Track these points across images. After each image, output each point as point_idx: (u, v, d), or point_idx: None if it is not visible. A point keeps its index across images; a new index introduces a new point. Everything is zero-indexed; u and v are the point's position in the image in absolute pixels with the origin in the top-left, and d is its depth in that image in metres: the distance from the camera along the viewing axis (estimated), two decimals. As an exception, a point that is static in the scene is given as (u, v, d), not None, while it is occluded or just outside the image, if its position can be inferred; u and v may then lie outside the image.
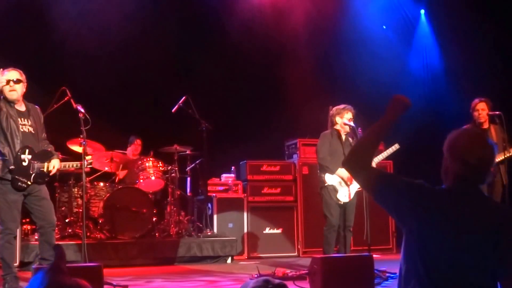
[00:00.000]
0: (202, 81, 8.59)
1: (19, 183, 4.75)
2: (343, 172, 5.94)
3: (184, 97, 7.51)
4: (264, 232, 7.88)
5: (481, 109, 6.31)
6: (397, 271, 5.93)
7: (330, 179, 5.97)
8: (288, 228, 7.95)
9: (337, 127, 6.07)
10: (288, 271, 5.69)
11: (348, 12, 9.32)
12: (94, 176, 7.49)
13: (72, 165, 5.27)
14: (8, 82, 4.76)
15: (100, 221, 7.07)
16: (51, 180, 5.92)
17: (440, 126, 8.74)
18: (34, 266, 4.58)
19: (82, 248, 5.19)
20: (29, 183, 4.79)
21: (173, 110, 7.52)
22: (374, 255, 5.17)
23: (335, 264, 4.86)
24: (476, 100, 6.37)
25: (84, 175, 5.19)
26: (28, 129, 4.87)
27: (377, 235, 7.45)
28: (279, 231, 7.93)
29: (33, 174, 4.82)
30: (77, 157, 5.61)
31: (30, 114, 4.92)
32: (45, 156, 4.94)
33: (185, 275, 6.10)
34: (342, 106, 6.09)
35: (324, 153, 6.04)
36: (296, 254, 7.88)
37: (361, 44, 9.28)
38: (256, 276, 5.51)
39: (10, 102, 4.81)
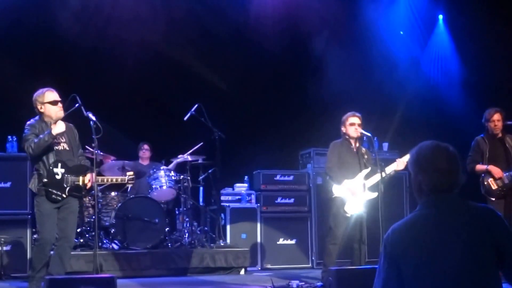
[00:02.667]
0: (215, 89, 8.55)
1: (53, 196, 4.93)
2: (349, 183, 5.81)
3: (196, 105, 7.46)
4: (277, 243, 7.77)
5: (497, 120, 6.21)
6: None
7: (338, 190, 5.83)
8: (302, 239, 7.84)
9: (346, 136, 5.94)
10: (302, 282, 5.59)
11: (364, 18, 9.24)
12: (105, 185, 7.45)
13: (112, 179, 5.46)
14: (57, 103, 4.99)
15: (111, 231, 7.00)
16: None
17: (455, 135, 8.60)
18: (46, 277, 4.53)
19: (94, 259, 5.13)
20: (64, 195, 4.97)
21: (185, 118, 7.47)
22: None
23: (350, 276, 4.77)
24: (492, 111, 6.25)
25: (96, 184, 5.13)
26: (63, 146, 5.04)
27: (393, 247, 7.32)
28: (293, 242, 7.82)
29: (68, 187, 4.98)
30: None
31: (65, 132, 5.03)
32: (80, 170, 5.07)
33: (198, 286, 6.02)
34: (348, 113, 5.98)
35: (331, 163, 5.93)
36: (310, 265, 7.76)
37: (377, 50, 9.18)
38: (270, 287, 5.42)
39: (48, 122, 4.99)
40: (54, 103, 4.98)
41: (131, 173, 5.42)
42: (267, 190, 7.91)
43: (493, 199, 6.10)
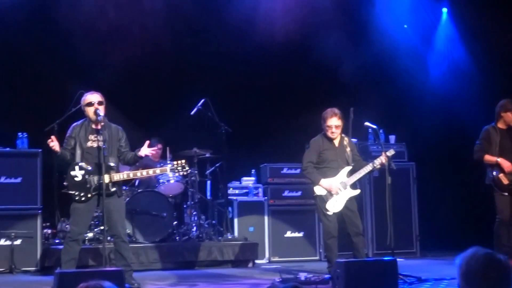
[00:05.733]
0: (221, 83, 8.55)
1: (77, 198, 5.22)
2: (326, 183, 5.76)
3: (203, 100, 7.48)
4: (285, 235, 7.80)
5: None
6: (421, 275, 5.86)
7: (318, 189, 5.82)
8: (310, 231, 7.85)
9: (328, 133, 5.89)
10: (310, 275, 5.61)
11: (368, 12, 9.20)
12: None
13: (149, 171, 5.60)
14: (92, 104, 5.26)
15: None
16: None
17: (461, 126, 8.60)
18: (56, 271, 4.58)
19: (103, 253, 5.19)
20: (89, 195, 5.22)
21: (192, 113, 7.50)
22: (398, 259, 5.08)
23: (358, 268, 4.79)
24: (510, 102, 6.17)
25: (103, 179, 5.16)
26: (98, 144, 5.25)
27: (400, 239, 7.35)
28: (300, 234, 7.85)
29: (92, 187, 5.20)
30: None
31: (103, 132, 5.22)
32: (106, 169, 5.18)
33: (206, 279, 6.06)
34: (328, 112, 5.87)
35: (307, 162, 5.87)
36: (318, 258, 7.77)
37: (381, 44, 9.14)
38: (279, 280, 5.45)
39: (89, 122, 5.30)
40: (89, 104, 5.28)
41: (183, 161, 5.56)
42: (274, 183, 7.93)
43: (506, 193, 6.03)
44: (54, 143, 5.16)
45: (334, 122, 5.81)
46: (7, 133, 6.94)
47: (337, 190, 5.76)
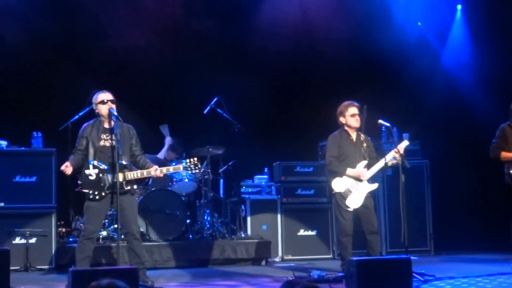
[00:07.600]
0: (234, 81, 8.56)
1: (91, 196, 5.26)
2: (352, 171, 5.78)
3: (216, 98, 7.49)
4: (298, 234, 7.79)
5: None
6: (435, 273, 5.81)
7: (337, 186, 5.82)
8: (323, 230, 7.84)
9: (345, 127, 5.92)
10: (324, 273, 5.61)
11: (382, 9, 9.14)
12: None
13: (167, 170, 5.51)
14: (106, 102, 5.33)
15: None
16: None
17: (476, 124, 8.52)
18: (70, 269, 4.62)
19: (117, 251, 5.22)
20: (103, 194, 5.25)
21: (205, 112, 7.51)
22: (412, 257, 5.05)
23: (372, 266, 4.77)
24: None
25: (118, 177, 5.19)
26: (110, 143, 5.29)
27: (414, 237, 7.32)
28: (313, 233, 7.84)
29: (106, 185, 5.22)
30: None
31: (116, 131, 5.26)
32: (120, 168, 5.23)
33: (220, 278, 6.07)
34: (345, 103, 5.94)
35: (330, 157, 5.90)
36: (331, 256, 7.77)
37: (396, 41, 9.08)
38: (292, 278, 5.45)
39: (102, 120, 5.34)
40: (103, 102, 5.33)
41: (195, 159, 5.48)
42: (287, 181, 7.93)
43: None
44: (68, 169, 5.25)
45: (355, 111, 5.90)
46: (22, 132, 7.01)
47: (358, 184, 5.76)
